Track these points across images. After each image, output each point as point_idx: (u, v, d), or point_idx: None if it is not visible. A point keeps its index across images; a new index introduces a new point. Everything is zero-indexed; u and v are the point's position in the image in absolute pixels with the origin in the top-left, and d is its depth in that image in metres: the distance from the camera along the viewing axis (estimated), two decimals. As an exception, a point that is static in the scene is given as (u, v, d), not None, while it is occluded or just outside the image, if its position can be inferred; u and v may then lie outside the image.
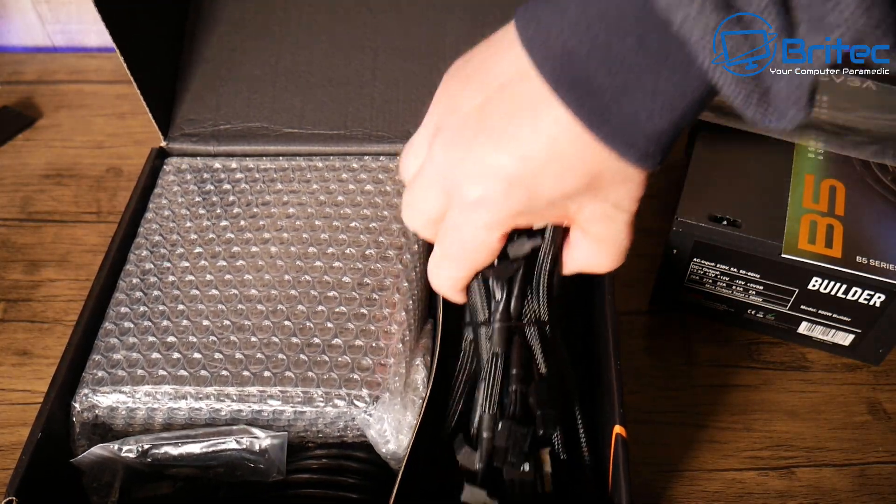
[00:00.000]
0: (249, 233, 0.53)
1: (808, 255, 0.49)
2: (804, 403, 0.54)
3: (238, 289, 0.50)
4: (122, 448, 0.43)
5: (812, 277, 0.50)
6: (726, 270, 0.53)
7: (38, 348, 0.58)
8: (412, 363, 0.46)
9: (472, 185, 0.28)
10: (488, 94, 0.28)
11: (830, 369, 0.56)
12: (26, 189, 0.70)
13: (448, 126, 0.29)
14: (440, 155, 0.30)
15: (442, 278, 0.35)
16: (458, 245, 0.32)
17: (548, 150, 0.27)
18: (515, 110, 0.27)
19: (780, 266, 0.50)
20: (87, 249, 0.65)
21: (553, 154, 0.27)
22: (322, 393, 0.44)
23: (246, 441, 0.43)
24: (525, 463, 0.35)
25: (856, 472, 0.51)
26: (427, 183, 0.31)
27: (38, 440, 0.42)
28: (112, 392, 0.45)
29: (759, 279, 0.53)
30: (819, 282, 0.50)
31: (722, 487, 0.50)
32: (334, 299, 0.49)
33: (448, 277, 0.35)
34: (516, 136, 0.27)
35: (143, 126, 0.63)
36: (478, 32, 0.30)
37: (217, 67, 0.64)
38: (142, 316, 0.49)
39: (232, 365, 0.46)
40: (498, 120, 0.27)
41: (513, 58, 0.27)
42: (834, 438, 0.52)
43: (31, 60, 0.82)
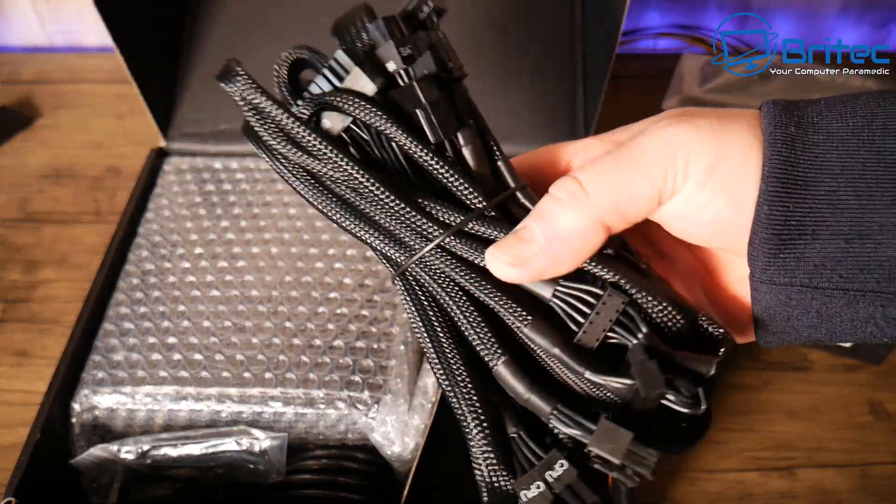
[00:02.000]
0: (250, 233, 0.53)
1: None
2: (805, 404, 0.54)
3: (239, 289, 0.50)
4: (121, 449, 0.43)
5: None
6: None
7: (36, 349, 0.58)
8: (423, 366, 0.46)
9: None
10: None
11: (831, 369, 0.56)
12: (25, 189, 0.70)
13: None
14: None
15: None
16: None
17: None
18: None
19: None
20: (86, 250, 0.65)
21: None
22: (323, 395, 0.44)
23: (246, 442, 0.43)
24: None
25: (857, 472, 0.51)
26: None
27: (37, 441, 0.42)
28: (112, 393, 0.45)
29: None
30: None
31: (723, 488, 0.50)
32: (335, 300, 0.49)
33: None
34: None
35: (143, 126, 0.63)
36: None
37: (217, 67, 0.63)
38: (142, 317, 0.48)
39: (233, 366, 0.45)
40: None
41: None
42: (835, 439, 0.52)
43: (29, 60, 0.82)
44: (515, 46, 0.63)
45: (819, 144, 0.24)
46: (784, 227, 0.24)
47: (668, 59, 0.74)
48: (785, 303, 0.25)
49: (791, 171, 0.24)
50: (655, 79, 0.72)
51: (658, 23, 0.79)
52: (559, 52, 0.63)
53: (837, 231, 0.24)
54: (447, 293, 0.26)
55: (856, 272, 0.24)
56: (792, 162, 0.24)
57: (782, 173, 0.24)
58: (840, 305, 0.24)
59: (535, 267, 0.24)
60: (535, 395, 0.25)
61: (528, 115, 0.61)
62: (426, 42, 0.26)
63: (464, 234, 0.26)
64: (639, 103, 0.72)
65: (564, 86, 0.62)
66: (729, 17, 0.78)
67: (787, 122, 0.24)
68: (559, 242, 0.24)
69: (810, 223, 0.24)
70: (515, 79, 0.62)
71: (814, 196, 0.24)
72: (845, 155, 0.24)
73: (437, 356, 0.26)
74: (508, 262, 0.24)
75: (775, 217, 0.24)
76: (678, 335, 0.26)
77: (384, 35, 0.26)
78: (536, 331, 0.25)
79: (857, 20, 0.77)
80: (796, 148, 0.24)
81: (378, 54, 0.26)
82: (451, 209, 0.25)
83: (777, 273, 0.24)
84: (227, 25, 0.65)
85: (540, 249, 0.24)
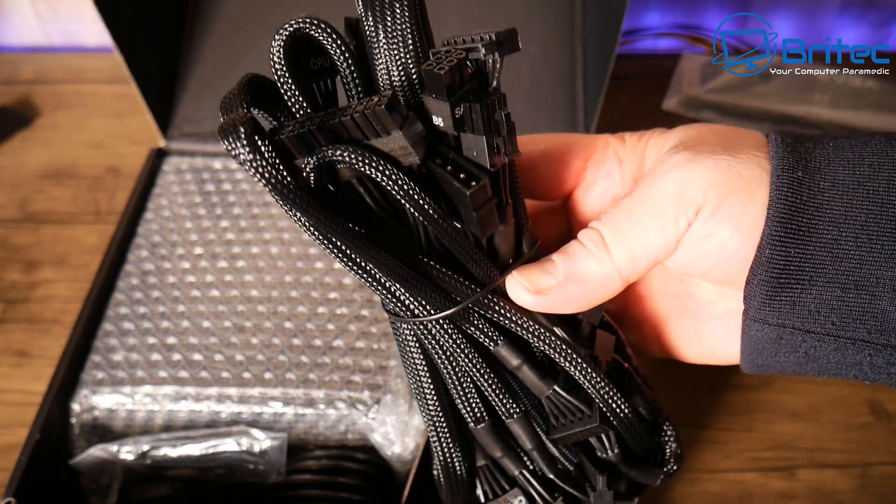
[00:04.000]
0: (250, 233, 0.53)
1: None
2: (805, 404, 0.54)
3: (239, 290, 0.49)
4: (121, 449, 0.43)
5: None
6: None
7: (36, 349, 0.58)
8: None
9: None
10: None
11: (831, 370, 0.56)
12: (24, 189, 0.69)
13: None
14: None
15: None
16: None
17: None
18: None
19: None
20: (85, 250, 0.64)
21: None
22: (323, 395, 0.44)
23: (245, 442, 0.43)
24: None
25: (857, 472, 0.51)
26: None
27: (36, 441, 0.41)
28: (112, 393, 0.45)
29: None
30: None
31: (723, 488, 0.50)
32: (335, 301, 0.48)
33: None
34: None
35: (142, 126, 0.62)
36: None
37: (217, 67, 0.63)
38: (142, 317, 0.48)
39: (233, 366, 0.45)
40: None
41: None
42: (835, 439, 0.52)
43: (29, 60, 0.82)
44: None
45: (825, 192, 0.24)
46: (783, 271, 0.24)
47: (668, 59, 0.73)
48: (775, 341, 0.26)
49: (795, 217, 0.24)
50: (655, 79, 0.72)
51: (658, 23, 0.79)
52: (559, 52, 0.63)
53: (835, 279, 0.24)
54: (444, 360, 0.27)
55: (848, 321, 0.24)
56: (797, 208, 0.24)
57: (787, 219, 0.24)
58: (829, 350, 0.25)
59: (550, 299, 0.25)
60: (507, 458, 0.29)
61: (528, 115, 0.61)
62: (485, 117, 0.21)
63: (477, 313, 0.26)
64: (639, 103, 0.72)
65: (564, 86, 0.62)
66: (729, 17, 0.78)
67: (794, 166, 0.24)
68: (577, 283, 0.26)
69: (809, 269, 0.24)
70: (515, 79, 0.62)
71: (815, 243, 0.24)
72: (849, 204, 0.24)
73: (421, 397, 0.28)
74: (526, 288, 0.25)
75: (776, 261, 0.24)
76: (640, 447, 0.30)
77: (441, 91, 0.21)
78: (520, 426, 0.28)
79: (857, 20, 0.77)
80: (802, 194, 0.24)
81: (426, 106, 0.22)
82: (469, 284, 0.25)
83: (771, 314, 0.25)
84: (227, 25, 0.65)
85: (558, 284, 0.25)
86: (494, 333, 0.26)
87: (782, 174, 0.24)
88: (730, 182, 0.24)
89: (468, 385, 0.27)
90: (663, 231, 0.25)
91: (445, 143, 0.22)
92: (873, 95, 0.59)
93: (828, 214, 0.24)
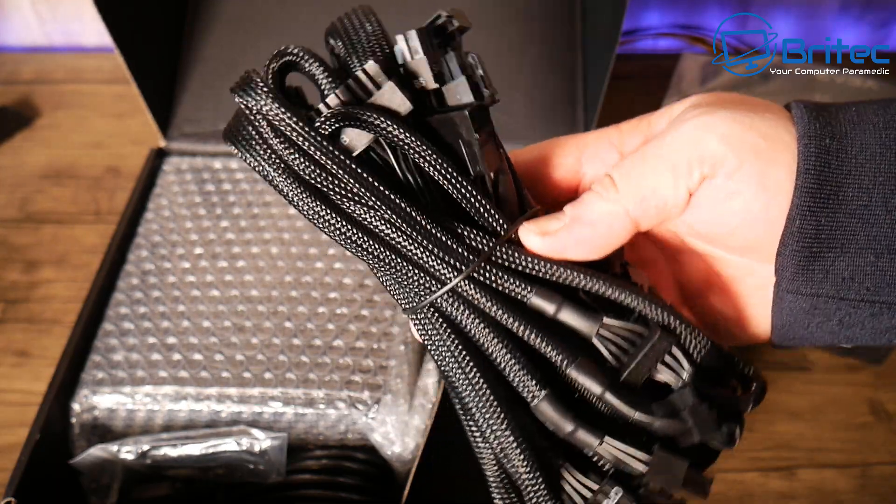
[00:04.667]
0: (250, 233, 0.53)
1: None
2: (805, 404, 0.54)
3: (239, 289, 0.49)
4: (121, 449, 0.43)
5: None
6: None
7: (36, 349, 0.58)
8: (424, 367, 0.46)
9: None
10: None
11: (832, 370, 0.56)
12: (25, 189, 0.69)
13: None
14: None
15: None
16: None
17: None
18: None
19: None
20: (85, 250, 0.64)
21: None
22: (323, 395, 0.44)
23: (246, 442, 0.43)
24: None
25: (857, 472, 0.51)
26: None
27: (36, 441, 0.41)
28: (112, 393, 0.45)
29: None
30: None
31: (723, 489, 0.50)
32: (335, 300, 0.48)
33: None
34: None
35: (142, 126, 0.62)
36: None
37: (217, 67, 0.63)
38: (142, 317, 0.48)
39: (233, 366, 0.45)
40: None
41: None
42: (835, 439, 0.52)
43: (28, 60, 0.82)
44: (515, 46, 0.63)
45: (853, 158, 0.24)
46: (815, 240, 0.24)
47: (668, 59, 0.73)
48: (808, 311, 0.25)
49: (825, 186, 0.24)
50: (655, 79, 0.72)
51: (658, 23, 0.79)
52: (559, 52, 0.63)
53: (868, 245, 0.24)
54: (482, 328, 0.25)
55: (883, 286, 0.24)
56: (825, 176, 0.24)
57: (816, 188, 0.24)
58: (864, 316, 0.25)
59: (558, 240, 0.25)
60: (581, 429, 0.24)
61: (528, 115, 0.61)
62: (459, 62, 0.25)
63: (499, 265, 0.25)
64: (639, 103, 0.72)
65: (564, 86, 0.62)
66: (729, 17, 0.78)
67: (822, 133, 0.24)
68: (584, 224, 0.25)
69: (841, 237, 0.24)
70: (515, 79, 0.62)
71: (845, 210, 0.24)
72: (878, 169, 0.24)
73: (473, 395, 0.25)
74: (535, 232, 0.25)
75: (806, 230, 0.24)
76: (712, 371, 0.26)
77: (415, 50, 0.24)
78: (582, 371, 0.24)
79: (857, 20, 0.77)
80: (830, 162, 0.24)
81: (410, 69, 0.24)
82: (484, 237, 0.24)
83: (805, 284, 0.25)
84: (227, 25, 0.65)
85: (565, 226, 0.25)
86: (524, 283, 0.25)
87: (810, 142, 0.24)
88: (751, 139, 0.24)
89: (516, 351, 0.25)
90: (674, 178, 0.24)
91: (430, 105, 0.25)
92: (873, 95, 0.59)
93: (857, 181, 0.24)
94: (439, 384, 0.44)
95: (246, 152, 0.24)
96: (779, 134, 0.24)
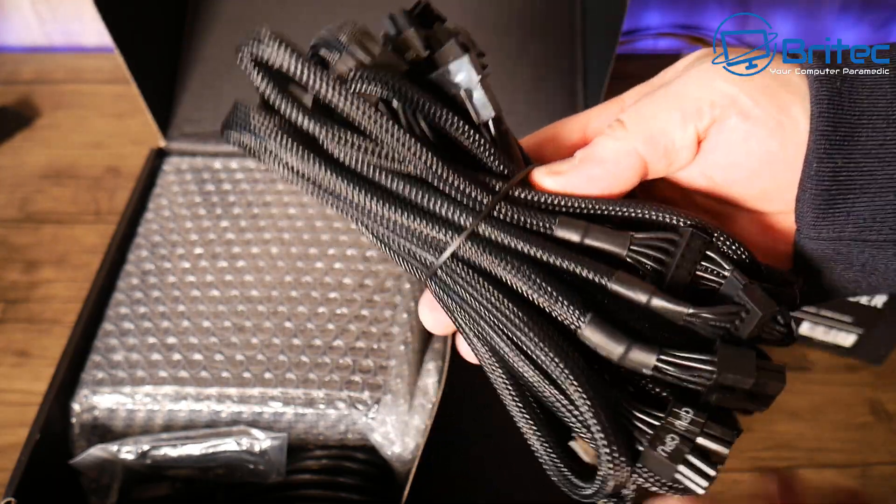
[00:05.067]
0: (250, 233, 0.53)
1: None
2: (805, 404, 0.54)
3: (239, 289, 0.49)
4: (121, 449, 0.43)
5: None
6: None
7: (36, 349, 0.58)
8: (424, 367, 0.46)
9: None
10: None
11: (831, 369, 0.56)
12: (25, 189, 0.69)
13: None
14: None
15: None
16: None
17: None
18: None
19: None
20: (85, 250, 0.64)
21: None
22: (323, 395, 0.44)
23: (246, 442, 0.43)
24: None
25: (857, 472, 0.51)
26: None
27: (36, 441, 0.41)
28: (112, 393, 0.45)
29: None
30: (821, 282, 0.50)
31: (723, 489, 0.50)
32: (335, 300, 0.48)
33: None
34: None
35: (142, 126, 0.62)
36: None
37: (217, 67, 0.63)
38: (142, 317, 0.48)
39: (233, 366, 0.45)
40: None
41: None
42: (835, 439, 0.52)
43: (28, 60, 0.82)
44: (515, 46, 0.63)
45: (865, 98, 0.24)
46: (833, 182, 0.24)
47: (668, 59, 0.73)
48: (831, 258, 0.25)
49: (839, 128, 0.24)
50: (655, 79, 0.72)
51: (658, 23, 0.79)
52: (559, 52, 0.63)
53: (887, 185, 0.24)
54: (509, 263, 0.24)
55: None
56: (839, 117, 0.24)
57: (831, 130, 0.24)
58: (889, 256, 0.25)
59: (568, 178, 0.25)
60: (636, 346, 0.22)
61: (529, 115, 0.61)
62: (448, 32, 0.26)
63: (519, 201, 0.25)
64: (639, 103, 0.72)
65: (564, 86, 0.62)
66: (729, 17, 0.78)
67: (832, 77, 0.24)
68: (592, 163, 0.25)
69: (859, 177, 0.24)
70: (515, 79, 0.62)
71: (861, 150, 0.24)
72: (891, 108, 0.24)
73: (524, 338, 0.23)
74: (545, 173, 0.25)
75: (824, 172, 0.24)
76: (751, 274, 0.24)
77: (403, 25, 0.25)
78: (624, 283, 0.23)
79: (857, 20, 0.77)
80: (843, 104, 0.24)
81: (399, 44, 0.25)
82: (499, 180, 0.25)
83: (825, 228, 0.24)
84: (227, 25, 0.65)
85: (572, 166, 0.25)
86: (545, 215, 0.24)
87: (821, 85, 0.24)
88: (763, 80, 0.24)
89: (552, 281, 0.23)
90: (683, 119, 0.24)
91: (425, 73, 0.25)
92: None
93: (871, 121, 0.24)
94: (439, 384, 0.44)
95: (235, 136, 0.24)
96: (789, 77, 0.25)
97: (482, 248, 0.24)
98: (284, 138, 0.23)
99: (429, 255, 0.25)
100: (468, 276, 0.24)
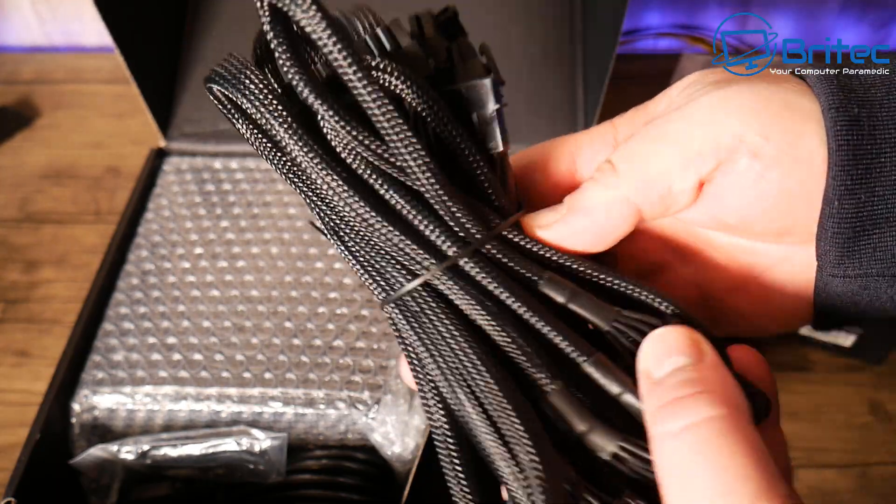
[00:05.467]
0: (250, 233, 0.53)
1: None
2: (805, 404, 0.54)
3: (239, 289, 0.49)
4: (121, 449, 0.43)
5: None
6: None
7: (36, 349, 0.58)
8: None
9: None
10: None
11: (832, 369, 0.56)
12: (25, 189, 0.69)
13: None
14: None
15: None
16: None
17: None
18: None
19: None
20: (85, 250, 0.64)
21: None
22: (323, 395, 0.44)
23: (246, 442, 0.43)
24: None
25: (857, 472, 0.51)
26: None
27: (36, 441, 0.41)
28: (112, 393, 0.45)
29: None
30: (821, 282, 0.50)
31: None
32: (335, 300, 0.48)
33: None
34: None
35: (142, 126, 0.62)
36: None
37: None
38: (142, 317, 0.48)
39: (233, 366, 0.45)
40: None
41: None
42: (835, 439, 0.52)
43: (28, 60, 0.82)
44: (515, 47, 0.63)
45: (885, 125, 0.22)
46: (856, 218, 0.22)
47: (668, 59, 0.73)
48: (857, 293, 0.24)
49: (860, 161, 0.22)
50: (655, 79, 0.72)
51: (658, 23, 0.79)
52: (559, 52, 0.63)
53: None
54: (485, 309, 0.22)
55: None
56: (860, 150, 0.22)
57: (851, 165, 0.22)
58: None
59: (553, 234, 0.23)
60: (598, 428, 0.21)
61: (528, 115, 0.61)
62: (471, 48, 0.24)
63: (510, 244, 0.23)
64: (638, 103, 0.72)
65: (564, 86, 0.62)
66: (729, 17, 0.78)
67: (847, 104, 0.22)
68: (580, 214, 0.23)
69: (883, 211, 0.22)
70: (515, 79, 0.62)
71: (885, 183, 0.22)
72: None
73: (480, 384, 0.21)
74: (534, 224, 0.24)
75: (847, 210, 0.22)
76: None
77: (428, 30, 0.23)
78: (600, 368, 0.21)
79: (857, 20, 0.77)
80: (863, 134, 0.22)
81: (429, 43, 0.23)
82: (496, 214, 0.23)
83: (851, 266, 0.23)
84: (227, 25, 0.65)
85: (560, 216, 0.23)
86: (535, 266, 0.23)
87: (837, 114, 0.22)
88: (773, 111, 0.22)
89: (526, 336, 0.22)
90: (684, 162, 0.22)
91: (442, 83, 0.24)
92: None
93: (893, 150, 0.22)
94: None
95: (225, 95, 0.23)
96: (801, 103, 0.22)
97: (460, 284, 0.22)
98: (277, 106, 0.21)
99: (400, 277, 0.23)
100: (438, 309, 0.22)
